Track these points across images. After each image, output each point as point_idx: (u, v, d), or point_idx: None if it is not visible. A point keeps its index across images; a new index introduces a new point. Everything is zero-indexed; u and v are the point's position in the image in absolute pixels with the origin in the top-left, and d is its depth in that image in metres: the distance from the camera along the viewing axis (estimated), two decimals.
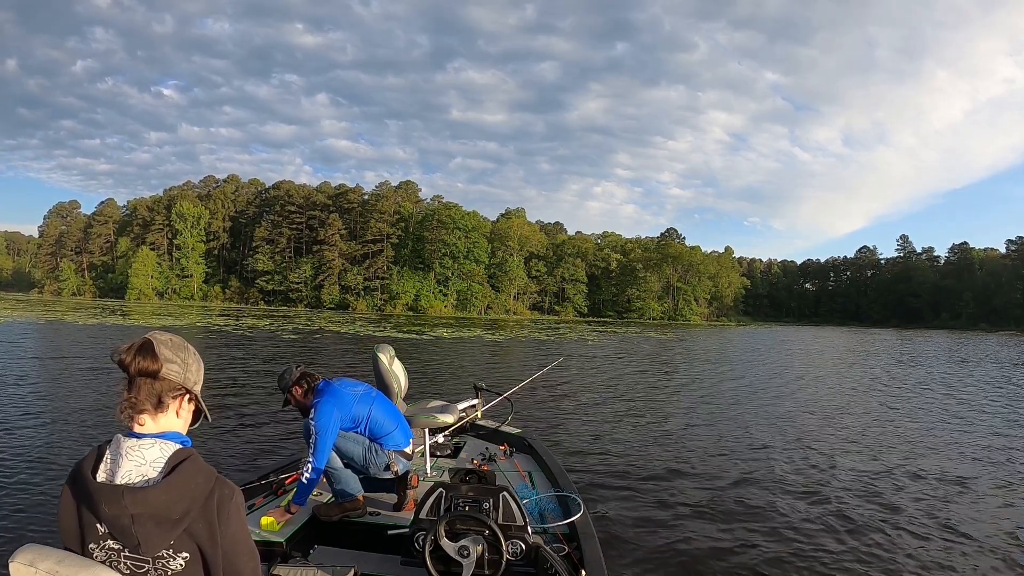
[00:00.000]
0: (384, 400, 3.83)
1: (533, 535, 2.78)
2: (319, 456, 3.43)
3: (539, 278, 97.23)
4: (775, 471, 6.68)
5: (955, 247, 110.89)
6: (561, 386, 12.95)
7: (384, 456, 3.60)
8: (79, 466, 1.37)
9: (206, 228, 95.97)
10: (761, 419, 9.99)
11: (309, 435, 3.49)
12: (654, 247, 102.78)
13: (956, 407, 12.25)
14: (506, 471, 4.21)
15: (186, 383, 1.46)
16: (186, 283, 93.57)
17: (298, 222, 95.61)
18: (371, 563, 2.92)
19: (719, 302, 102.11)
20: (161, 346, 1.43)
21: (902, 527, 5.08)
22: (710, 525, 4.96)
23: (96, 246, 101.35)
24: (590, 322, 74.85)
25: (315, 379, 3.71)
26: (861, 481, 6.46)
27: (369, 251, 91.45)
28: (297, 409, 3.72)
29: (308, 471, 3.42)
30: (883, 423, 10.14)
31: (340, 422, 3.54)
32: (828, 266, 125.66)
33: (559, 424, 8.85)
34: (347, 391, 3.66)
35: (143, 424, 1.40)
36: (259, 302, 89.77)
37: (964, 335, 64.66)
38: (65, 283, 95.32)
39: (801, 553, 4.44)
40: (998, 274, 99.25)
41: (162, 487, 1.30)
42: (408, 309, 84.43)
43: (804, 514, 5.29)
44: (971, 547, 4.69)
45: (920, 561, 4.41)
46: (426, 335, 30.93)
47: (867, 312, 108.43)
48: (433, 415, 4.41)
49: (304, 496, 3.45)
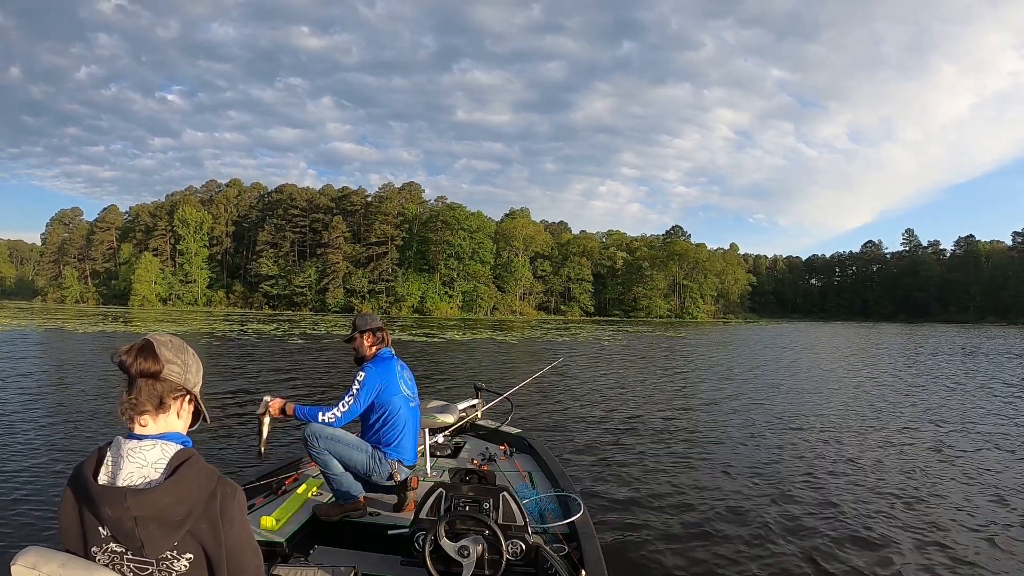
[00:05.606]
0: (416, 414, 3.83)
1: (533, 535, 2.76)
2: (345, 414, 3.48)
3: (545, 278, 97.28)
4: (779, 472, 6.61)
5: (961, 240, 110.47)
6: (562, 386, 12.90)
7: (387, 466, 3.57)
8: (80, 468, 1.36)
9: (209, 233, 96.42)
10: (767, 418, 9.92)
11: (350, 387, 3.54)
12: (660, 245, 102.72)
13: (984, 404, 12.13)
14: (506, 471, 4.19)
15: (187, 384, 1.46)
16: (189, 289, 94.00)
17: (302, 225, 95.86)
18: (371, 563, 2.90)
19: (725, 299, 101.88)
20: (162, 347, 1.43)
21: (906, 529, 5.02)
22: (711, 525, 4.90)
23: (99, 253, 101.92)
24: (597, 321, 74.78)
25: (385, 344, 3.75)
26: (872, 479, 6.40)
27: (373, 253, 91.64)
28: (353, 352, 3.75)
29: (326, 414, 3.46)
30: (897, 420, 10.06)
31: (376, 396, 3.57)
32: (834, 261, 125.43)
33: (559, 424, 8.81)
34: (401, 381, 3.70)
35: (144, 425, 1.40)
36: (263, 307, 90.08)
37: (973, 328, 64.27)
38: (68, 290, 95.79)
39: (802, 553, 4.38)
40: (1005, 267, 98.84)
41: (164, 488, 1.30)
42: (414, 311, 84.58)
43: (808, 514, 5.23)
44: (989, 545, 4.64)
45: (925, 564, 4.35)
46: (437, 337, 30.86)
47: (874, 307, 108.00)
48: (433, 415, 4.39)
49: (306, 413, 3.46)
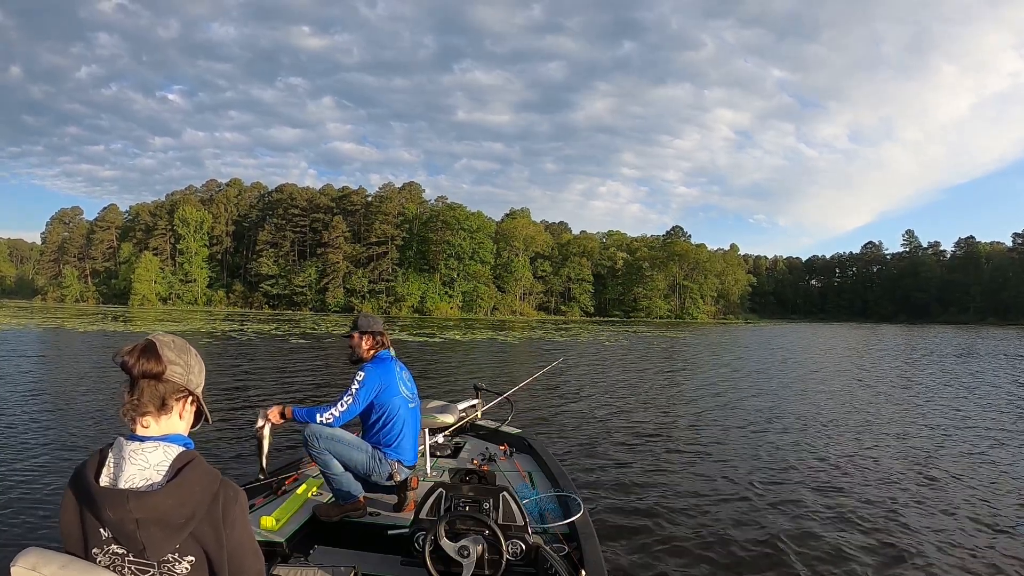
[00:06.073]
0: (416, 414, 3.81)
1: (533, 535, 2.76)
2: (344, 413, 3.47)
3: (545, 278, 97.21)
4: (779, 472, 6.62)
5: (961, 241, 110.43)
6: (562, 386, 12.91)
7: (387, 466, 3.57)
8: (81, 470, 1.35)
9: (209, 232, 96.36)
10: (767, 418, 9.92)
11: (349, 387, 3.52)
12: (660, 245, 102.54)
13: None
14: (506, 471, 4.19)
15: (189, 385, 1.45)
16: (189, 288, 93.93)
17: (302, 225, 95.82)
18: (371, 563, 2.90)
19: (725, 300, 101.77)
20: (164, 348, 1.42)
21: (909, 530, 5.02)
22: (712, 525, 4.90)
23: (99, 252, 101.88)
24: (597, 322, 74.73)
25: (385, 346, 3.71)
26: (872, 479, 6.41)
27: (374, 253, 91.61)
28: (351, 352, 3.71)
29: (324, 414, 3.44)
30: (895, 420, 10.06)
31: (375, 397, 3.56)
32: (834, 262, 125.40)
33: (559, 424, 8.81)
34: (400, 382, 3.69)
35: (146, 427, 1.38)
36: (263, 306, 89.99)
37: (973, 329, 64.21)
38: (68, 289, 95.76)
39: (804, 553, 4.39)
40: (1005, 268, 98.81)
41: (167, 491, 1.29)
42: (414, 311, 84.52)
43: (809, 514, 5.23)
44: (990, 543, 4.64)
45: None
46: (437, 338, 30.84)
47: (874, 308, 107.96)
48: (433, 415, 4.40)
49: (305, 414, 3.44)
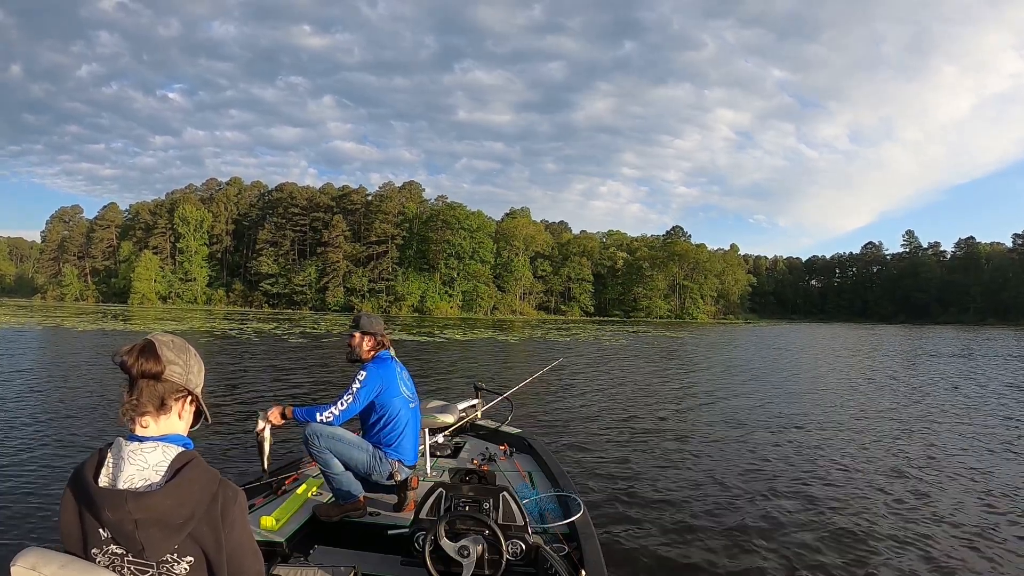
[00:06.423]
0: (416, 414, 3.82)
1: (533, 535, 2.76)
2: (344, 412, 3.48)
3: (545, 278, 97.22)
4: (780, 472, 6.61)
5: (961, 242, 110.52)
6: (562, 386, 12.90)
7: (388, 465, 3.57)
8: (80, 470, 1.34)
9: (209, 231, 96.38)
10: (767, 418, 9.92)
11: (349, 386, 3.52)
12: (660, 245, 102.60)
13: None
14: (506, 471, 4.19)
15: (188, 385, 1.44)
16: (189, 287, 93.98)
17: (302, 224, 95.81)
18: (371, 563, 2.90)
19: (725, 300, 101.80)
20: (163, 347, 1.41)
21: (912, 531, 5.03)
22: (712, 525, 4.90)
23: (98, 251, 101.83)
24: (597, 321, 74.72)
25: (385, 346, 3.72)
26: (872, 480, 6.40)
27: (374, 252, 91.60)
28: (350, 351, 3.72)
29: (324, 413, 3.44)
30: (894, 420, 10.06)
31: (376, 397, 3.57)
32: (834, 262, 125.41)
33: (559, 424, 8.81)
34: (400, 382, 3.69)
35: (146, 427, 1.38)
36: (263, 305, 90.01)
37: (973, 330, 64.13)
38: (68, 288, 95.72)
39: (803, 553, 4.38)
40: (1005, 268, 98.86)
41: (166, 491, 1.28)
42: (414, 310, 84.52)
43: (809, 514, 5.23)
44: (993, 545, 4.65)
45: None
46: (437, 337, 30.84)
47: (874, 308, 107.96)
48: (433, 415, 4.40)
49: (305, 413, 3.45)
